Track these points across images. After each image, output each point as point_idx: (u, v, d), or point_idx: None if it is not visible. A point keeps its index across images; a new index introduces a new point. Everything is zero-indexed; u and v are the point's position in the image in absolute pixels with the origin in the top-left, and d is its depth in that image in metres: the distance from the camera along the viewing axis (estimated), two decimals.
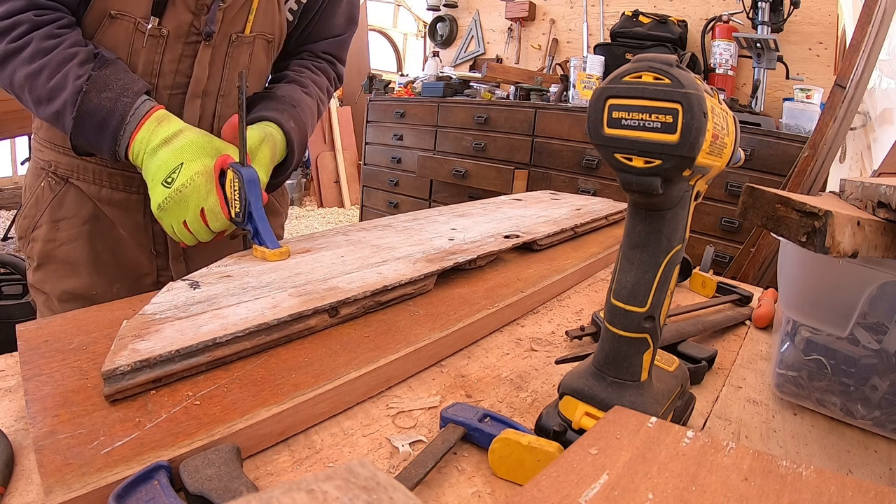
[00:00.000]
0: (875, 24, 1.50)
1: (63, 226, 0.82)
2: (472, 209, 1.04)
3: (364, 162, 3.97)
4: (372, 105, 3.81)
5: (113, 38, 0.70)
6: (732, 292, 0.77)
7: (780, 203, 0.40)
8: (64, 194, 0.81)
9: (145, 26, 0.69)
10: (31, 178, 0.84)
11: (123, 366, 0.39)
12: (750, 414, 0.50)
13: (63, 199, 0.81)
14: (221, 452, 0.34)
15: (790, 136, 2.05)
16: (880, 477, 0.43)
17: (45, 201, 0.82)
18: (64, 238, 0.82)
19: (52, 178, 0.81)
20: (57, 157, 0.80)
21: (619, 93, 0.34)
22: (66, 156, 0.79)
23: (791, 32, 2.54)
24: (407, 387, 0.49)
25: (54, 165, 0.81)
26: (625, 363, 0.38)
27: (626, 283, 0.38)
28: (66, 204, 0.81)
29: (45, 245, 0.82)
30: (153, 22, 0.69)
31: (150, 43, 0.71)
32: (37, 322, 0.51)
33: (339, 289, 0.56)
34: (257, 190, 0.66)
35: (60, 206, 0.81)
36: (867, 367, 0.49)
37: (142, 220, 0.83)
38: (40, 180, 0.82)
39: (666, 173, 0.33)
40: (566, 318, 0.68)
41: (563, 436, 0.39)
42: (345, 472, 0.20)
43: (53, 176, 0.81)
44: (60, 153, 0.80)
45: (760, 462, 0.29)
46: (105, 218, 0.82)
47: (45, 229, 0.82)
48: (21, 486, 0.34)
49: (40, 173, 0.83)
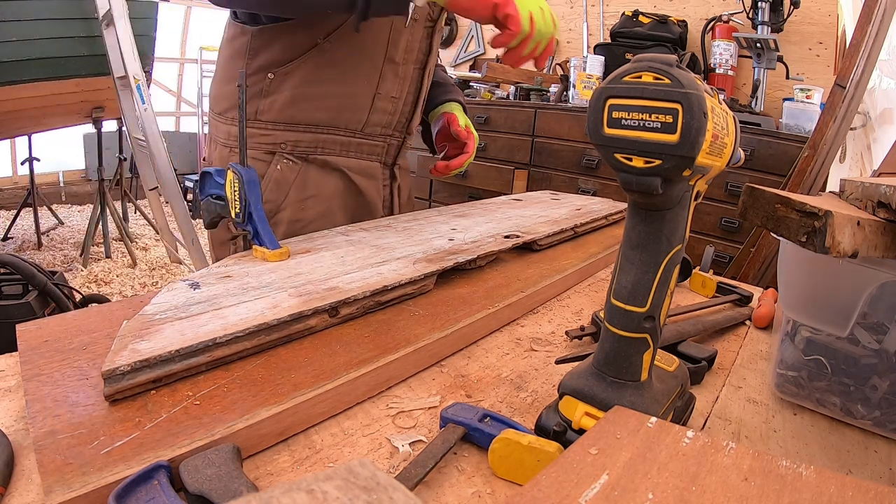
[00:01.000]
0: (875, 24, 1.50)
1: (310, 204, 0.85)
2: (472, 209, 1.04)
3: None
4: None
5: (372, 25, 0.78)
6: (732, 292, 0.77)
7: (780, 203, 0.40)
8: (305, 173, 0.85)
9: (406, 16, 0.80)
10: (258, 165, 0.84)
11: (123, 366, 0.39)
12: (750, 414, 0.50)
13: (306, 179, 0.85)
14: (221, 452, 0.34)
15: (790, 136, 2.05)
16: (880, 477, 0.43)
17: (287, 183, 0.84)
18: (311, 216, 0.86)
19: (288, 158, 0.84)
20: (296, 136, 0.83)
21: (619, 93, 0.34)
22: (309, 133, 0.83)
23: (791, 32, 2.53)
24: (407, 387, 0.49)
25: (290, 146, 0.83)
26: (625, 363, 0.38)
27: (626, 283, 0.37)
28: (309, 182, 0.85)
29: (289, 226, 0.84)
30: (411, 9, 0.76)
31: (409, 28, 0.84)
32: (37, 322, 0.51)
33: (339, 289, 0.56)
34: (257, 190, 0.66)
35: (304, 185, 0.85)
36: (867, 367, 0.49)
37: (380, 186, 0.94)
38: (273, 164, 0.84)
39: (666, 173, 0.33)
40: (566, 318, 0.68)
41: (563, 436, 0.39)
42: (345, 472, 0.20)
43: (290, 157, 0.84)
44: (300, 131, 0.83)
45: (760, 462, 0.29)
46: (351, 188, 0.89)
47: (291, 211, 0.84)
48: (21, 485, 0.34)
49: (269, 157, 0.84)
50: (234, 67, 0.83)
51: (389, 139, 0.91)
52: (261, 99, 0.82)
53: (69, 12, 2.93)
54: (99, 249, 3.54)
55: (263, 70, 0.81)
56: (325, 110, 0.82)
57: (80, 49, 3.03)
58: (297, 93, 0.81)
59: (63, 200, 4.94)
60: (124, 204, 4.01)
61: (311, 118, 0.82)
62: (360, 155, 0.88)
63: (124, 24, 2.60)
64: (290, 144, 0.83)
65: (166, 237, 3.31)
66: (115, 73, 2.86)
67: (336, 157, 0.86)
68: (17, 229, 3.83)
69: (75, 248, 3.56)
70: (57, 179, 5.00)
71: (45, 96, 3.11)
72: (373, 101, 0.85)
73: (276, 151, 0.84)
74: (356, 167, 0.88)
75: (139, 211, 4.15)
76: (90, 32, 2.98)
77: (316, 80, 0.81)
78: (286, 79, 0.81)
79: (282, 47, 0.80)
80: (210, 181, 0.71)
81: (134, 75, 2.63)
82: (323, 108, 0.82)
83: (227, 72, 0.86)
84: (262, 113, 0.83)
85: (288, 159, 0.84)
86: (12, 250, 3.46)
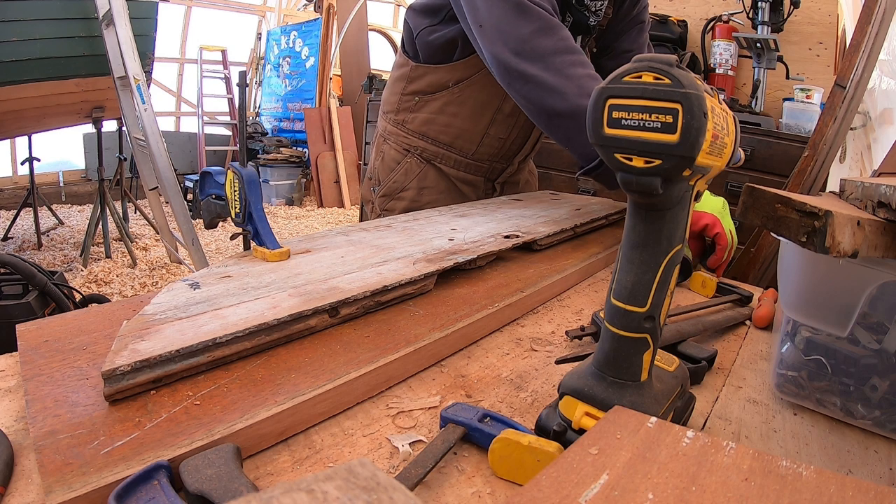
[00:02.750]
0: (875, 24, 1.50)
1: (425, 192, 1.14)
2: (472, 209, 1.04)
3: (364, 162, 3.97)
4: (372, 105, 3.80)
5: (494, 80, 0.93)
6: (732, 292, 0.77)
7: (780, 203, 0.40)
8: (427, 171, 1.13)
9: None
10: (396, 154, 1.15)
11: (123, 366, 0.39)
12: (750, 414, 0.50)
13: (427, 174, 1.14)
14: (221, 452, 0.34)
15: (790, 136, 2.05)
16: (880, 477, 0.43)
17: (413, 173, 1.14)
18: (425, 201, 1.13)
19: (418, 158, 1.13)
20: (425, 145, 1.12)
21: (619, 93, 0.34)
22: (434, 146, 1.12)
23: (791, 32, 2.53)
24: (407, 387, 0.49)
25: (420, 150, 1.13)
26: (625, 363, 0.38)
27: (626, 283, 0.37)
28: (429, 178, 1.14)
29: (410, 203, 1.14)
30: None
31: None
32: (37, 322, 0.51)
33: (339, 289, 0.56)
34: (257, 190, 0.66)
35: (425, 178, 1.14)
36: (867, 367, 0.49)
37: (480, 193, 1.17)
38: (406, 157, 1.14)
39: (666, 173, 0.33)
40: (566, 318, 0.68)
41: (563, 436, 0.39)
42: (345, 472, 0.20)
43: (419, 157, 1.13)
44: (429, 143, 1.12)
45: (760, 462, 0.29)
46: (454, 189, 1.16)
47: (412, 192, 1.14)
48: (21, 486, 0.34)
49: (405, 153, 1.14)
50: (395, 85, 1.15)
51: (494, 164, 1.17)
52: (408, 113, 1.12)
53: (69, 12, 2.93)
54: (99, 249, 3.54)
55: (414, 94, 1.11)
56: (446, 135, 1.11)
57: (80, 49, 3.03)
58: (431, 117, 1.10)
59: (63, 200, 4.94)
60: (124, 204, 4.01)
61: (437, 137, 1.10)
62: (467, 171, 1.15)
63: (124, 24, 2.60)
64: (419, 150, 1.12)
65: (166, 237, 3.31)
66: (115, 73, 2.86)
67: (449, 168, 1.14)
68: (17, 229, 3.83)
69: (75, 248, 3.56)
70: (57, 179, 5.01)
71: (45, 96, 3.11)
72: (482, 138, 1.10)
73: (410, 151, 1.13)
74: (462, 178, 1.15)
75: (139, 211, 4.16)
76: (90, 32, 2.98)
77: (444, 112, 1.09)
78: (426, 104, 1.10)
79: (427, 81, 1.08)
80: (210, 181, 0.71)
81: (134, 75, 2.63)
82: (445, 133, 1.10)
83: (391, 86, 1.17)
84: (407, 122, 1.12)
85: (417, 158, 1.13)
86: (12, 250, 3.46)
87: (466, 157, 1.13)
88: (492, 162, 1.15)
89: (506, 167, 1.19)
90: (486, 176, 1.18)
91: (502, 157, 1.16)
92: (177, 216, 2.72)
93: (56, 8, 2.88)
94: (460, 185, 1.15)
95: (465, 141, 1.11)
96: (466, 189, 1.16)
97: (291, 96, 5.94)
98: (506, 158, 1.17)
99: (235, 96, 5.55)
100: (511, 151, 1.16)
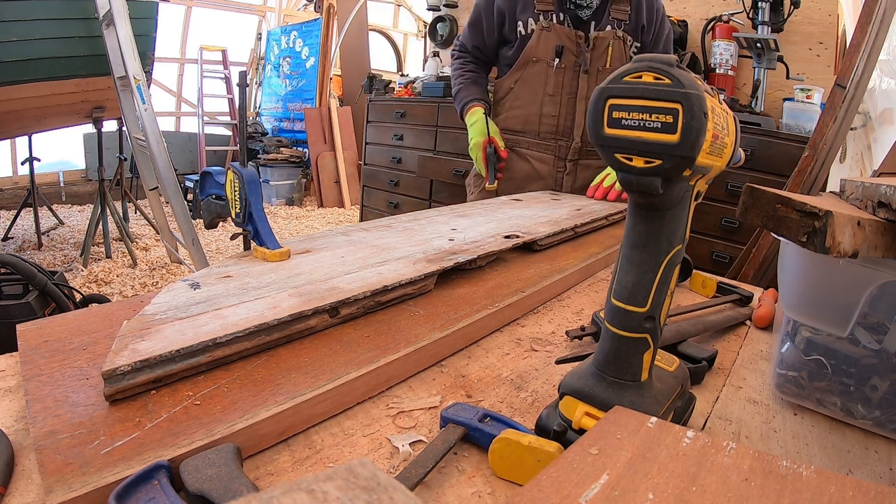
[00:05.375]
0: (875, 24, 1.50)
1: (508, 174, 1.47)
2: (472, 209, 1.04)
3: (364, 162, 3.97)
4: (372, 105, 3.80)
5: (534, 71, 1.40)
6: (732, 292, 0.77)
7: (780, 203, 0.40)
8: (511, 156, 1.47)
9: (553, 65, 1.37)
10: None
11: (124, 366, 0.39)
12: (750, 414, 0.50)
13: (511, 159, 1.47)
14: (221, 452, 0.34)
15: (790, 136, 2.05)
16: (880, 477, 0.43)
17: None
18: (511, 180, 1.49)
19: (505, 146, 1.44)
20: (507, 136, 1.48)
21: (620, 93, 0.34)
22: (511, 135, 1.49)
23: (791, 32, 2.53)
24: (407, 387, 0.49)
25: (506, 139, 1.47)
26: (625, 363, 0.38)
27: (627, 283, 0.37)
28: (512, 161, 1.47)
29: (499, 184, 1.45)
30: (555, 63, 1.36)
31: (556, 73, 1.38)
32: (37, 322, 0.51)
33: (340, 289, 0.56)
34: (258, 190, 0.66)
35: (510, 163, 1.46)
36: (867, 367, 0.49)
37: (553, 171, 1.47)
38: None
39: (666, 173, 0.33)
40: (566, 318, 0.68)
41: (563, 436, 0.39)
42: (345, 472, 0.20)
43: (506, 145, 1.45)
44: (508, 133, 1.48)
45: (760, 462, 0.29)
46: (532, 169, 1.48)
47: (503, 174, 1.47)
48: (21, 486, 0.34)
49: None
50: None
51: (559, 141, 1.45)
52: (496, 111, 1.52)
53: (69, 12, 2.93)
54: (99, 249, 3.54)
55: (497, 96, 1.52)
56: (517, 123, 1.48)
57: (80, 49, 3.03)
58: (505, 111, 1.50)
59: (63, 200, 4.94)
60: (124, 204, 4.01)
61: (512, 127, 1.48)
62: (538, 150, 1.47)
63: (124, 23, 2.60)
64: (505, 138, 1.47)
65: (166, 237, 3.31)
66: (116, 73, 2.85)
67: (525, 150, 1.48)
68: (17, 229, 3.83)
69: (75, 248, 3.56)
70: (57, 179, 5.01)
71: (45, 96, 3.10)
72: (539, 118, 1.44)
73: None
74: (536, 157, 1.48)
75: (139, 211, 4.15)
76: (90, 32, 2.98)
77: (512, 106, 1.47)
78: (503, 102, 1.50)
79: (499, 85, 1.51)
80: (210, 181, 0.71)
81: (134, 75, 2.63)
82: (516, 121, 1.48)
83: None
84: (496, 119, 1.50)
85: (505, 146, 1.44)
86: (12, 250, 3.46)
87: (535, 139, 1.46)
88: (556, 139, 1.45)
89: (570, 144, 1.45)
90: (556, 154, 1.46)
91: (562, 133, 1.44)
92: (177, 216, 2.72)
93: (56, 8, 2.88)
94: (536, 163, 1.47)
95: (530, 124, 1.46)
96: (540, 167, 1.47)
97: (291, 96, 5.94)
98: (565, 134, 1.44)
99: (235, 96, 5.55)
100: (567, 126, 1.43)
